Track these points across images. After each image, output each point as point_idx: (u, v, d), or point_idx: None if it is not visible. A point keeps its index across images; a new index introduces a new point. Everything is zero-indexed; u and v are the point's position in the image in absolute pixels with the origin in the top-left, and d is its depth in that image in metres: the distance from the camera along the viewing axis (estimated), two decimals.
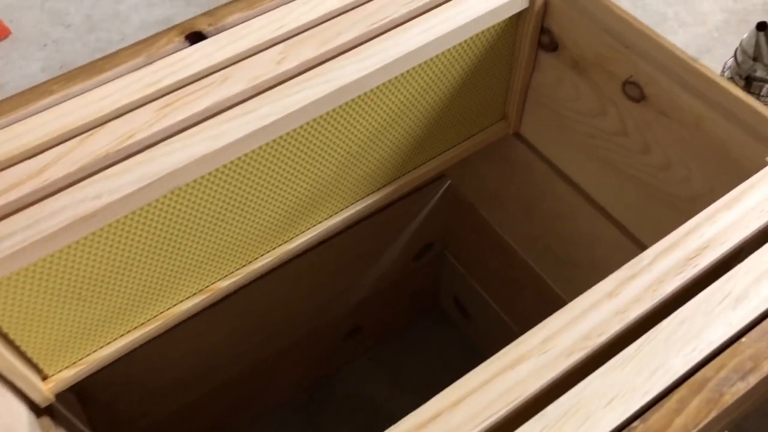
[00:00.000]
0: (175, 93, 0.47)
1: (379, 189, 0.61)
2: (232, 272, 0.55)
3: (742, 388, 0.35)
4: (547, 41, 0.57)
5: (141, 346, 0.66)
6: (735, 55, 1.19)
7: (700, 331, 0.36)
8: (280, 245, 0.57)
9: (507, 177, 0.74)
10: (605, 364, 0.35)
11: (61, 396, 0.55)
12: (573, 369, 0.36)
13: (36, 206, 0.42)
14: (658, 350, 0.36)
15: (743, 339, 0.36)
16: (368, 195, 0.61)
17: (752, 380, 0.35)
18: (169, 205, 0.46)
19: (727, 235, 0.40)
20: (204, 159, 0.44)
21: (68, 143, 0.44)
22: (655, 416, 0.34)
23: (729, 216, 0.40)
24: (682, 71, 0.48)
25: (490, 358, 0.36)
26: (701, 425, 0.34)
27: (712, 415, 0.34)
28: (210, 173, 0.47)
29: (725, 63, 1.23)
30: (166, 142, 0.45)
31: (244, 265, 0.56)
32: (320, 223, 0.59)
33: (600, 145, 0.57)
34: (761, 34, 1.11)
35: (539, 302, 0.82)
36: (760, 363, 0.35)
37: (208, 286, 0.55)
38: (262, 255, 0.56)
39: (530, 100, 0.63)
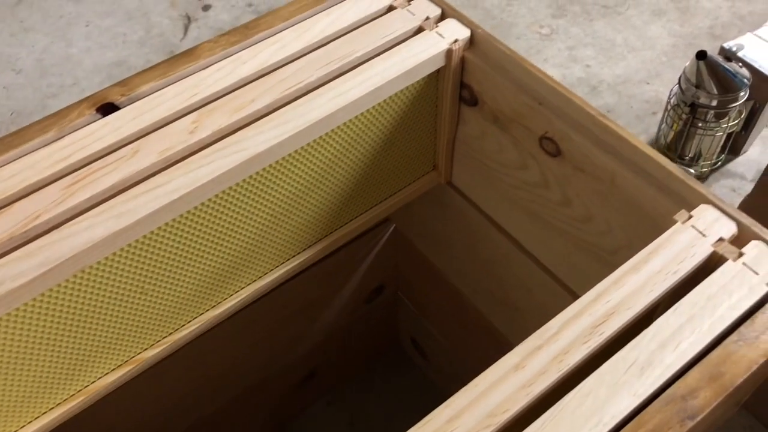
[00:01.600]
0: (83, 169, 0.46)
1: (309, 246, 0.61)
2: (156, 342, 0.54)
3: None
4: (468, 96, 0.57)
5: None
6: (679, 83, 1.21)
7: (604, 404, 0.36)
8: (205, 311, 0.56)
9: (446, 223, 0.74)
10: None
11: None
12: None
13: None
14: (562, 427, 0.35)
15: (647, 409, 0.36)
16: (298, 254, 0.60)
17: None
18: (77, 286, 0.45)
19: (633, 300, 0.40)
20: (110, 239, 0.43)
21: None
22: None
23: (635, 279, 0.41)
24: (593, 127, 0.49)
25: None
26: None
27: None
28: (121, 249, 0.46)
29: (671, 90, 1.25)
30: (71, 222, 0.44)
31: (168, 335, 0.55)
32: (248, 285, 0.58)
33: (525, 197, 0.58)
34: (701, 62, 1.14)
35: (489, 344, 0.82)
36: None
37: (131, 358, 0.54)
38: (188, 323, 0.55)
39: (458, 152, 0.63)
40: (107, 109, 0.50)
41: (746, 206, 0.85)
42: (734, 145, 1.31)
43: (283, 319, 0.83)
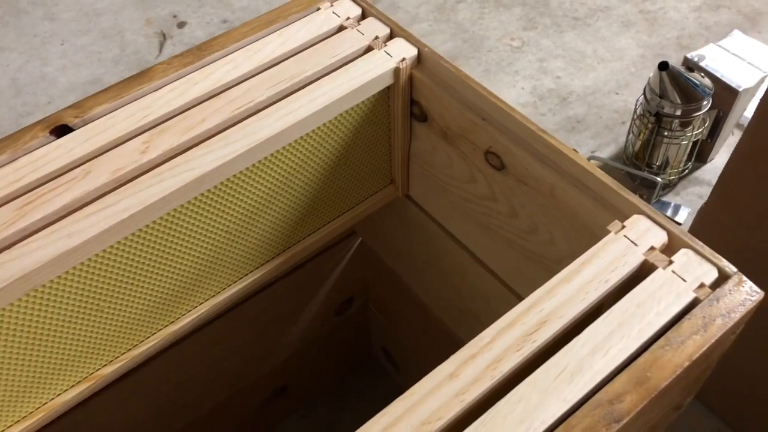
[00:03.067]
0: (36, 190, 0.47)
1: (268, 261, 0.62)
2: (115, 359, 0.55)
3: None
4: (418, 112, 0.59)
5: (45, 428, 0.66)
6: (644, 93, 1.23)
7: (535, 409, 0.37)
8: (163, 327, 0.57)
9: (407, 235, 0.75)
10: None
11: None
12: None
13: None
14: None
15: (576, 413, 0.37)
16: (256, 269, 0.61)
17: None
18: (29, 305, 0.46)
19: (565, 309, 0.41)
20: (60, 258, 0.44)
21: None
22: None
23: (568, 289, 0.42)
24: (533, 142, 0.50)
25: None
26: None
27: None
28: (74, 268, 0.47)
29: (637, 100, 1.27)
30: (22, 243, 0.45)
31: (127, 350, 0.56)
32: (206, 300, 0.59)
33: (476, 210, 0.59)
34: (663, 73, 1.16)
35: (455, 352, 0.83)
36: None
37: (90, 375, 0.55)
38: (146, 338, 0.56)
39: (414, 166, 0.64)
40: (61, 131, 0.51)
41: (703, 213, 0.87)
42: (701, 153, 1.34)
43: (254, 332, 0.83)
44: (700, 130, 1.24)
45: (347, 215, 0.65)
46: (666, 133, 1.23)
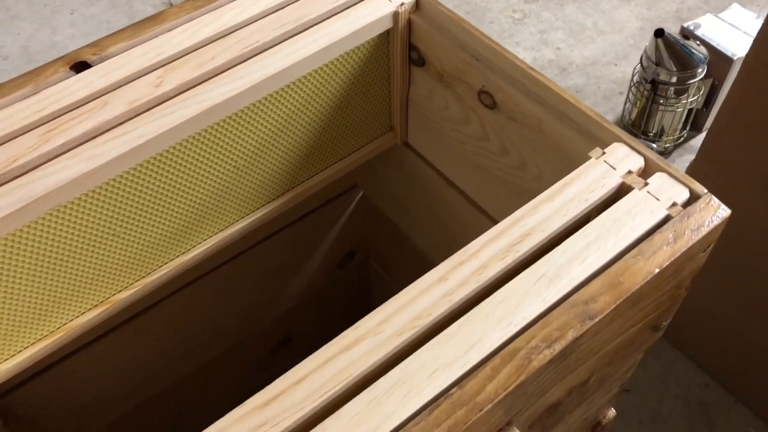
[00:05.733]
0: (58, 119, 0.51)
1: (274, 199, 0.65)
2: (130, 285, 0.59)
3: (548, 354, 0.39)
4: (416, 57, 0.62)
5: (62, 360, 0.70)
6: (641, 61, 1.26)
7: (515, 308, 0.41)
8: (175, 257, 0.61)
9: (406, 184, 0.79)
10: (430, 341, 0.40)
11: None
12: (404, 347, 0.40)
13: None
14: (477, 327, 0.40)
15: (553, 312, 0.41)
16: (263, 205, 0.65)
17: (557, 347, 0.40)
18: (52, 224, 0.50)
19: (547, 223, 0.45)
20: (81, 179, 0.48)
21: None
22: (471, 383, 0.38)
23: (550, 206, 0.45)
24: (523, 79, 0.53)
25: (330, 341, 0.40)
26: (510, 388, 0.38)
27: (521, 379, 0.38)
28: (92, 191, 0.51)
29: (634, 68, 1.30)
30: (46, 164, 0.48)
31: (140, 278, 0.59)
32: (215, 234, 0.62)
33: (470, 150, 0.63)
34: (659, 40, 1.19)
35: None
36: (565, 333, 0.40)
37: (107, 299, 0.58)
38: (159, 267, 0.60)
39: (412, 112, 0.68)
40: (80, 66, 0.54)
41: (692, 170, 0.90)
42: (696, 122, 1.37)
43: (259, 280, 0.87)
44: (695, 97, 1.27)
45: (349, 159, 0.69)
46: (661, 101, 1.26)
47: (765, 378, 0.98)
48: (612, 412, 0.71)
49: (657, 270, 0.42)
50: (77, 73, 0.54)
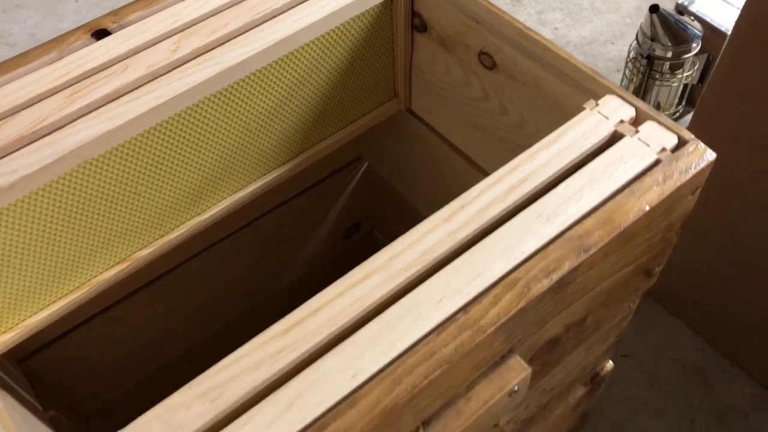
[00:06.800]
0: (81, 83, 0.54)
1: (284, 163, 0.68)
2: (149, 243, 0.62)
3: (546, 283, 0.42)
4: (419, 23, 0.65)
5: (81, 325, 0.73)
6: (636, 37, 1.29)
7: (516, 244, 0.44)
8: (192, 217, 0.64)
9: (410, 152, 0.82)
10: (437, 273, 0.43)
11: (5, 369, 0.61)
12: (413, 280, 0.43)
13: None
14: (480, 260, 0.43)
15: (550, 246, 0.44)
16: (274, 169, 0.68)
17: (555, 277, 0.43)
18: (78, 180, 0.53)
19: (544, 169, 0.48)
20: (105, 137, 0.51)
21: None
22: (475, 308, 0.41)
23: (547, 154, 0.48)
24: (520, 39, 0.56)
25: (343, 276, 0.44)
26: (511, 313, 0.41)
27: (521, 305, 0.42)
28: (115, 149, 0.54)
29: (630, 44, 1.33)
30: (72, 123, 0.52)
31: (160, 237, 0.63)
32: (229, 195, 0.66)
33: (472, 112, 0.66)
34: (654, 15, 1.21)
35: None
36: (561, 264, 0.43)
37: (128, 256, 0.62)
38: (177, 227, 0.63)
39: (415, 78, 0.71)
40: (101, 34, 0.58)
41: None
42: (692, 97, 1.40)
43: (266, 250, 0.90)
44: (690, 72, 1.30)
45: (355, 125, 0.72)
46: (657, 76, 1.29)
47: (758, 341, 1.01)
48: (610, 365, 0.74)
49: (647, 207, 0.45)
50: (98, 40, 0.57)
